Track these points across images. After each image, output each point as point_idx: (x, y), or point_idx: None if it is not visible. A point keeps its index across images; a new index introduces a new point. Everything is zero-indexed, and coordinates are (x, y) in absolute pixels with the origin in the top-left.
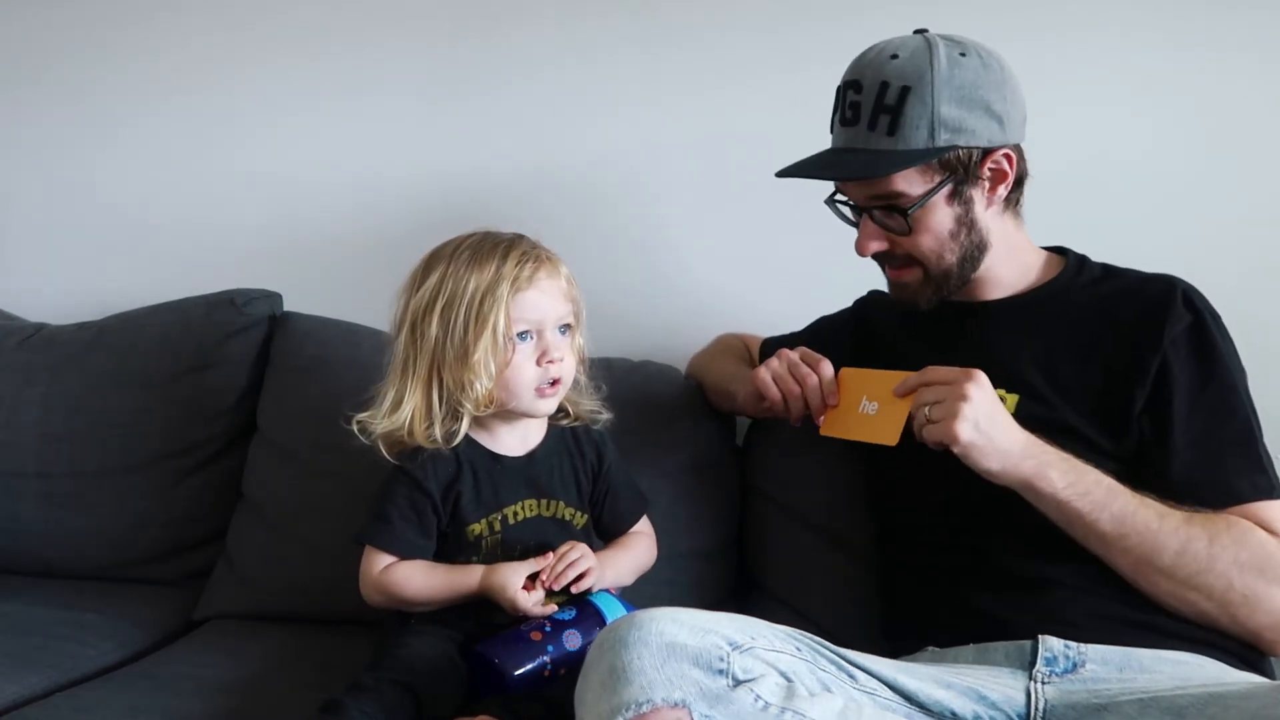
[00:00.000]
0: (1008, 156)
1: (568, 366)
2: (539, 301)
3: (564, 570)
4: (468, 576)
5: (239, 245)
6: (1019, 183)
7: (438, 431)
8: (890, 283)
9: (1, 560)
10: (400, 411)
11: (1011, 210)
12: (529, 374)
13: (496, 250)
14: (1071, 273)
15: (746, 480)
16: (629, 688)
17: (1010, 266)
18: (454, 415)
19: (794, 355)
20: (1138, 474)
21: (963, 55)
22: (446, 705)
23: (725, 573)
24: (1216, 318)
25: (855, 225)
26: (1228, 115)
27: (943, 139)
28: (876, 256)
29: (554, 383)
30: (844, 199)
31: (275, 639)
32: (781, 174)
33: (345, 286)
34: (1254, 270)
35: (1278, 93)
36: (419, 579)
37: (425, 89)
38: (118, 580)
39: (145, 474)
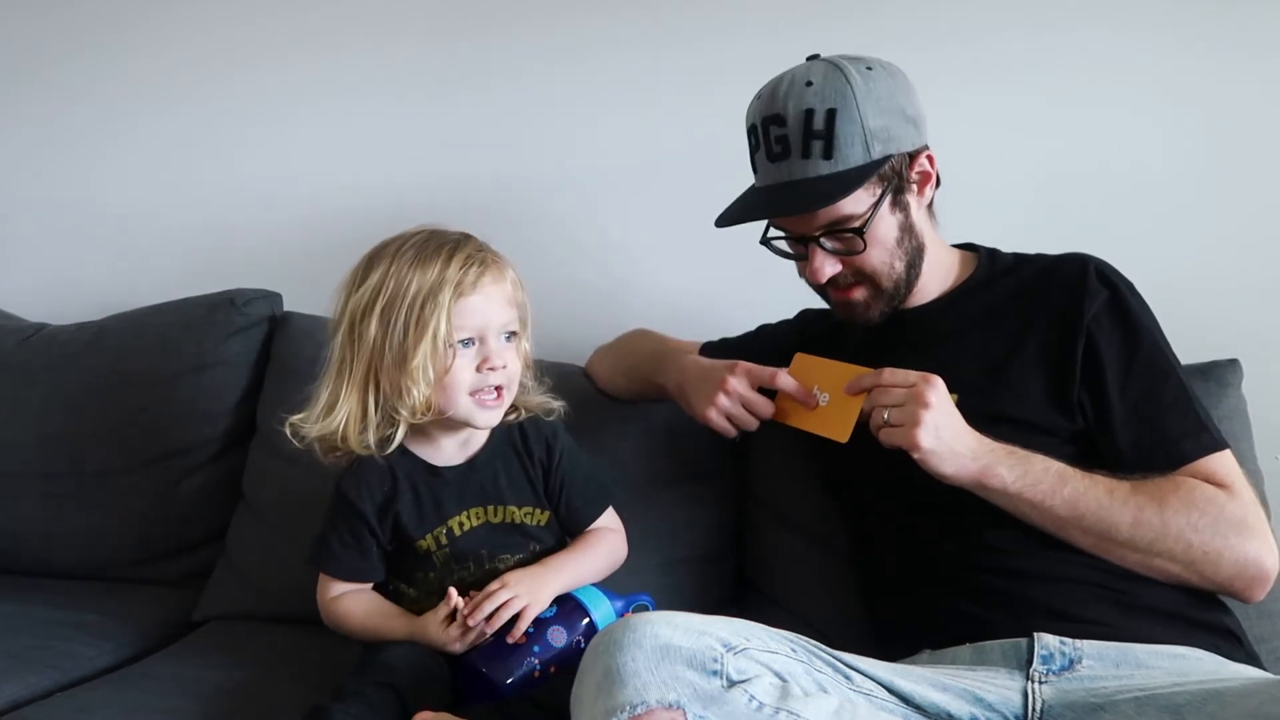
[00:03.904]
0: (929, 157)
1: (511, 374)
2: (482, 308)
3: (494, 614)
4: (396, 625)
5: (239, 245)
6: (936, 186)
7: (371, 438)
8: (838, 304)
9: (1, 560)
10: (334, 415)
11: (929, 213)
12: (467, 380)
13: (441, 251)
14: (986, 267)
15: (744, 485)
16: (624, 690)
17: (934, 271)
18: (389, 421)
19: (742, 387)
20: (1089, 453)
21: (869, 69)
22: (434, 704)
23: (723, 577)
24: (1130, 286)
25: (794, 258)
26: (1232, 117)
27: (877, 151)
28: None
29: (497, 391)
30: (782, 235)
31: (275, 639)
32: (722, 223)
33: None
34: (1258, 273)
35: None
36: (358, 615)
37: (426, 89)
38: (118, 580)
39: (145, 474)
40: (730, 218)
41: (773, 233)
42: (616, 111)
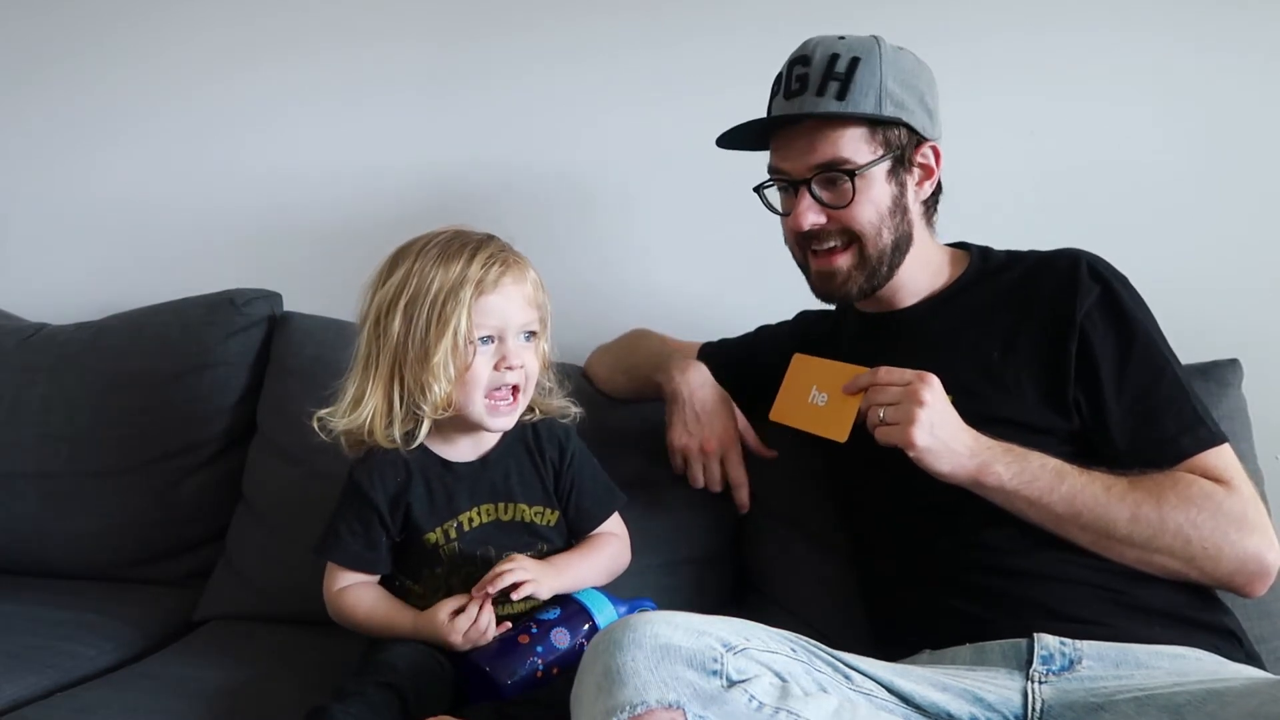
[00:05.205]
0: (935, 151)
1: (528, 373)
2: (502, 306)
3: (492, 579)
4: (403, 618)
5: (238, 245)
6: (937, 190)
7: (396, 432)
8: (819, 274)
9: (1, 560)
10: (361, 410)
11: (927, 216)
12: (484, 378)
13: (464, 250)
14: (978, 265)
15: None
16: (624, 689)
17: (923, 270)
18: (413, 417)
19: (716, 460)
20: (1087, 451)
21: (901, 49)
22: (435, 704)
23: (723, 578)
24: (1124, 281)
25: (784, 214)
26: (1232, 116)
27: (888, 110)
28: (807, 239)
29: (513, 392)
30: (778, 179)
31: (275, 639)
32: (724, 137)
33: (345, 286)
34: (1258, 273)
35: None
36: (364, 607)
37: (426, 87)
38: (118, 580)
39: (145, 474)
40: (730, 133)
41: (768, 184)
42: (617, 111)
